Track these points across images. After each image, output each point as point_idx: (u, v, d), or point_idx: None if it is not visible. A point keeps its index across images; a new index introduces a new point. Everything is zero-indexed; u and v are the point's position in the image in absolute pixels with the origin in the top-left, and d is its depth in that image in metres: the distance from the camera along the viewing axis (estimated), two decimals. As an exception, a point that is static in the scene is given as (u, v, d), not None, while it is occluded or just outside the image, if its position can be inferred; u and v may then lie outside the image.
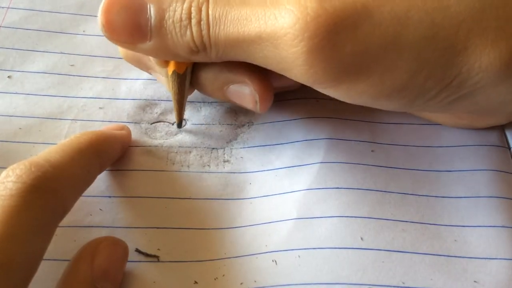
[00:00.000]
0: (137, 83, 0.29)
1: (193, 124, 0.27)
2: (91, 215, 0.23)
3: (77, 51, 0.30)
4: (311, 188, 0.24)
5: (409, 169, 0.25)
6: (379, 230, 0.23)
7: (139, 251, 0.23)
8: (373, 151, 0.26)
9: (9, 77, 0.28)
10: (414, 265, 0.22)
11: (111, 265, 0.20)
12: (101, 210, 0.24)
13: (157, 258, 0.23)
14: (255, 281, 0.22)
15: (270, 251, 0.23)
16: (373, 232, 0.23)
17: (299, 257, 0.22)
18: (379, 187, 0.24)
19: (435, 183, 0.25)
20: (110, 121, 0.27)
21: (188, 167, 0.25)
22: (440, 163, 0.25)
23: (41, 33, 0.30)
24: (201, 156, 0.26)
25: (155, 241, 0.23)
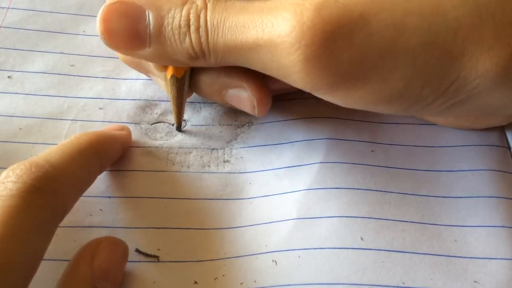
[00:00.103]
0: (137, 83, 0.29)
1: (193, 125, 0.27)
2: (91, 215, 0.23)
3: (77, 51, 0.30)
4: (311, 188, 0.24)
5: (409, 169, 0.25)
6: (379, 230, 0.23)
7: (139, 251, 0.23)
8: (373, 151, 0.26)
9: (9, 77, 0.28)
10: (414, 265, 0.22)
11: (111, 265, 0.20)
12: (101, 210, 0.24)
13: (157, 258, 0.23)
14: (255, 281, 0.22)
15: (270, 251, 0.23)
16: (373, 232, 0.23)
17: (299, 257, 0.22)
18: (379, 187, 0.24)
19: (435, 183, 0.25)
20: (110, 122, 0.27)
21: (188, 167, 0.25)
22: (440, 163, 0.25)
23: (41, 33, 0.30)
24: (201, 156, 0.26)
25: (155, 241, 0.23)
